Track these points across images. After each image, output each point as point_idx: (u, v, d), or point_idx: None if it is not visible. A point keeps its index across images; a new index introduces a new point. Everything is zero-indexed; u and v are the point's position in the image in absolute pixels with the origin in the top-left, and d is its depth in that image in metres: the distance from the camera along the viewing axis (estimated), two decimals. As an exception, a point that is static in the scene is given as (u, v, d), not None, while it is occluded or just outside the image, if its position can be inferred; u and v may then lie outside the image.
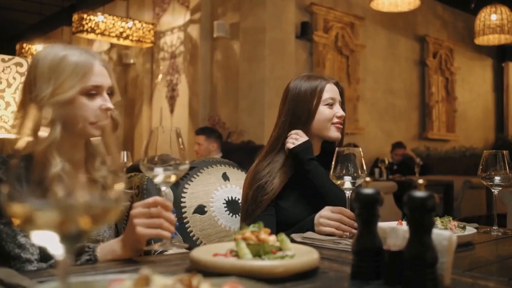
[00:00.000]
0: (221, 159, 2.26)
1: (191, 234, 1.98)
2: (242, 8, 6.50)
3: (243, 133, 6.12)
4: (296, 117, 1.73)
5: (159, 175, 1.08)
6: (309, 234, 1.40)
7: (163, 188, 1.11)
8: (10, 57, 2.82)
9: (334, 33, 7.08)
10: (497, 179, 1.56)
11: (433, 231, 0.87)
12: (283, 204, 1.70)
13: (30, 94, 1.25)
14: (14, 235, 1.19)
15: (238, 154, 4.29)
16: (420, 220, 0.85)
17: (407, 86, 8.45)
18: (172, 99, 7.71)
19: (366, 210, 0.94)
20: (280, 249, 1.01)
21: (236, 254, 0.97)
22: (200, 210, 2.02)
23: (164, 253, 1.16)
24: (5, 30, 10.47)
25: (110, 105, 1.31)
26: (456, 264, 1.12)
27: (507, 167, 1.54)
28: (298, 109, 1.73)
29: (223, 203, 2.08)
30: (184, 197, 2.01)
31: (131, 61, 8.51)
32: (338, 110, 1.75)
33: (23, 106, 1.28)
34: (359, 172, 1.38)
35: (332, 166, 1.40)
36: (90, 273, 0.94)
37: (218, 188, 2.10)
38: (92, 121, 1.28)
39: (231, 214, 2.05)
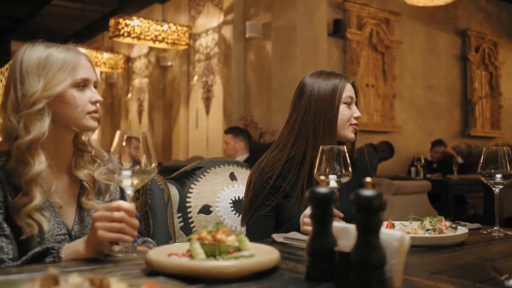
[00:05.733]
0: (229, 159, 2.26)
1: (195, 234, 1.99)
2: (274, 8, 6.48)
3: (275, 133, 6.10)
4: (320, 115, 1.71)
5: (126, 179, 1.09)
6: (292, 234, 1.37)
7: (129, 192, 1.12)
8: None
9: (368, 30, 6.93)
10: (498, 177, 1.48)
11: (383, 231, 0.84)
12: (288, 204, 1.68)
13: (16, 93, 1.29)
14: None
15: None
16: (366, 220, 0.82)
17: (448, 82, 8.18)
18: (207, 100, 7.78)
19: (320, 209, 0.91)
20: (239, 249, 1.00)
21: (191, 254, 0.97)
22: (206, 210, 2.03)
23: None
24: (50, 37, 10.85)
25: (99, 97, 1.36)
26: (430, 265, 1.07)
27: (508, 164, 1.46)
28: (322, 106, 1.71)
29: (230, 203, 2.08)
30: (190, 197, 2.02)
31: (169, 63, 8.66)
32: (355, 111, 1.76)
33: (5, 106, 1.31)
34: (343, 170, 1.35)
35: (316, 164, 1.37)
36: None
37: (224, 188, 2.10)
38: (89, 111, 1.32)
39: (237, 214, 2.04)
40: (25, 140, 1.25)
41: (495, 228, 1.49)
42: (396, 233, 0.85)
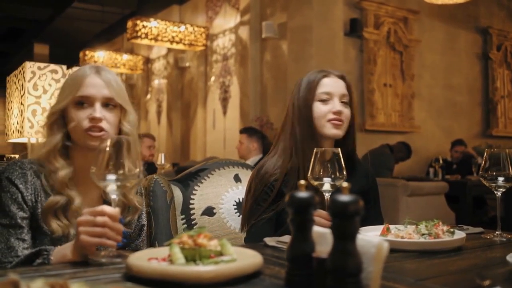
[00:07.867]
0: (234, 160, 2.25)
1: (198, 236, 1.98)
2: (290, 8, 6.45)
3: (291, 134, 6.05)
4: (299, 117, 1.67)
5: (110, 184, 1.09)
6: (284, 238, 1.35)
7: (113, 197, 1.12)
8: (46, 64, 2.97)
9: (385, 29, 6.85)
10: (500, 180, 1.44)
11: (360, 238, 0.82)
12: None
13: None
14: (8, 237, 1.25)
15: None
16: (342, 226, 0.80)
17: (469, 81, 8.03)
18: (224, 101, 7.80)
19: (299, 214, 0.90)
20: (221, 253, 0.99)
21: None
22: (209, 211, 2.02)
23: None
24: (72, 39, 11.03)
25: (97, 114, 1.33)
26: (419, 272, 1.05)
27: (510, 167, 1.42)
28: (299, 108, 1.67)
29: (233, 205, 2.07)
30: (193, 199, 2.02)
31: (187, 64, 8.70)
32: (335, 106, 1.64)
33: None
34: (337, 173, 1.33)
35: (310, 166, 1.35)
36: (29, 274, 0.96)
37: (228, 190, 2.10)
38: (85, 128, 1.32)
39: (241, 216, 2.03)
40: (43, 151, 1.36)
41: (497, 232, 1.45)
42: (373, 239, 0.82)
